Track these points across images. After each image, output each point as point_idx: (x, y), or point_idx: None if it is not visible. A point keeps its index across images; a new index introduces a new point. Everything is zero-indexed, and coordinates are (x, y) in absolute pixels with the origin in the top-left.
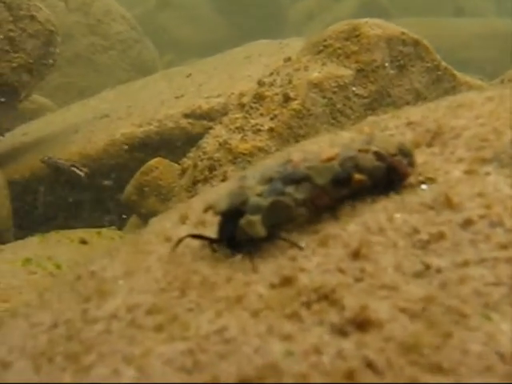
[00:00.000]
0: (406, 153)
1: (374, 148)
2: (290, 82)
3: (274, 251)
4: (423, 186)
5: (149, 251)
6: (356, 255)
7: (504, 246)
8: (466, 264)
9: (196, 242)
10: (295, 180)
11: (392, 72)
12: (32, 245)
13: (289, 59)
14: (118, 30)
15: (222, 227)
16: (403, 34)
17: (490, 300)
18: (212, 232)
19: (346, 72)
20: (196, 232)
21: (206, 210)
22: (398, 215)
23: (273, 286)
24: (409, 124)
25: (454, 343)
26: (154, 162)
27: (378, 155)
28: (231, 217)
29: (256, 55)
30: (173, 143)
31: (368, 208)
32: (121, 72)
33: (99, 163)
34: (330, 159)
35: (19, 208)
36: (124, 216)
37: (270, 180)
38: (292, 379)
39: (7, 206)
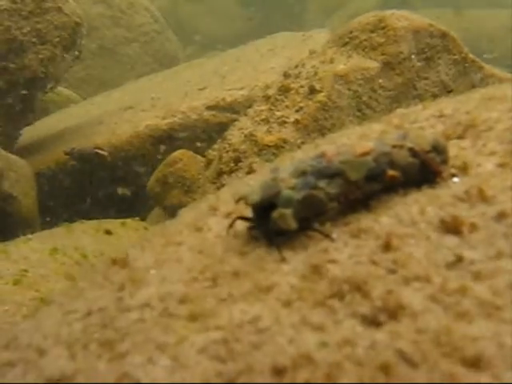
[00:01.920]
0: (440, 150)
1: (408, 144)
2: (315, 74)
3: (306, 242)
4: (455, 179)
5: (179, 242)
6: (388, 247)
7: None
8: (499, 256)
9: (225, 233)
10: (329, 174)
11: (418, 64)
12: (58, 235)
13: (314, 51)
14: (141, 21)
15: (255, 217)
16: (431, 25)
17: None
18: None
19: (372, 64)
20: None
21: (237, 201)
22: (430, 208)
23: (304, 277)
24: (440, 116)
25: (486, 335)
26: (177, 153)
27: (413, 151)
28: (264, 208)
29: (279, 47)
30: (196, 135)
31: (400, 200)
32: (143, 64)
33: (124, 154)
34: (364, 154)
35: (45, 198)
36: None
37: (303, 173)
38: (327, 369)
39: (33, 196)
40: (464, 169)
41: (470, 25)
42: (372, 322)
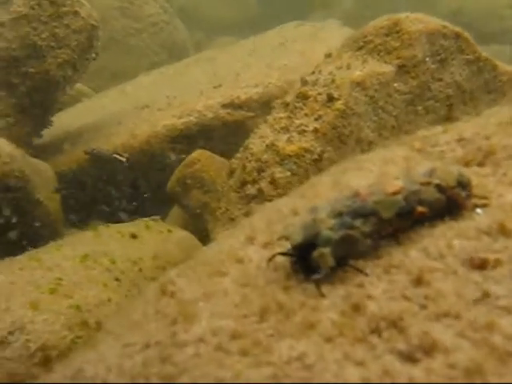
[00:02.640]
0: (464, 185)
1: (435, 181)
2: (333, 81)
3: (342, 277)
4: (478, 210)
5: (223, 273)
6: (419, 282)
7: None
8: None
9: (265, 264)
10: (363, 214)
11: (433, 66)
12: (87, 240)
13: (329, 55)
14: (149, 12)
15: (297, 256)
16: (444, 27)
17: None
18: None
19: (388, 68)
20: (266, 253)
21: (280, 239)
22: (456, 242)
23: (343, 313)
24: (459, 140)
25: None
26: (196, 154)
27: (439, 188)
28: (305, 247)
29: (291, 41)
30: (212, 133)
31: (427, 233)
32: (152, 54)
33: (142, 155)
34: (395, 193)
35: (66, 199)
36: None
37: (339, 214)
38: None
39: (58, 199)
40: (485, 198)
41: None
42: (408, 357)
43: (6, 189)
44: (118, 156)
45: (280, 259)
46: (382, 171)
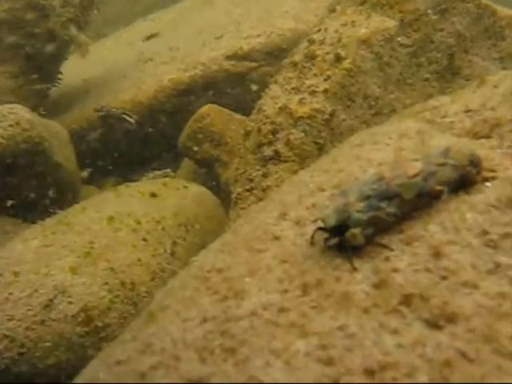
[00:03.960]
0: (475, 163)
1: (450, 161)
2: (339, 40)
3: (371, 253)
4: (487, 184)
5: (262, 249)
6: (439, 255)
7: None
8: None
9: (302, 241)
10: (388, 196)
11: (434, 18)
12: (110, 201)
13: (334, 10)
14: None
15: (331, 235)
16: None
17: None
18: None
19: (391, 23)
20: (300, 229)
21: (315, 221)
22: (469, 215)
23: (375, 285)
24: (467, 111)
25: None
26: (205, 109)
27: (454, 167)
28: (339, 228)
29: None
30: (218, 85)
31: (443, 207)
32: None
33: (150, 109)
34: (415, 175)
35: (79, 158)
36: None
37: (367, 197)
38: (406, 369)
39: (74, 160)
40: (493, 171)
41: None
42: (434, 325)
43: (27, 154)
44: (126, 116)
45: (313, 234)
46: (397, 145)
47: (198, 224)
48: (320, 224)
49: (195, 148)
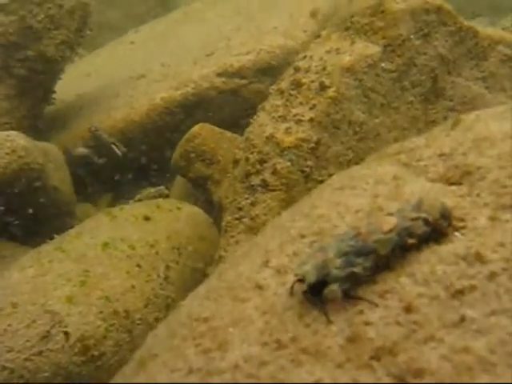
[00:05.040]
0: (446, 216)
1: (423, 215)
2: (324, 68)
3: (346, 305)
4: (457, 234)
5: (245, 298)
6: (409, 308)
7: None
8: (492, 314)
9: (283, 291)
10: (365, 253)
11: (417, 42)
12: (104, 226)
13: (319, 36)
14: None
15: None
16: (426, 2)
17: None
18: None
19: (375, 49)
20: (281, 278)
21: (296, 275)
22: (438, 267)
23: (349, 339)
24: (440, 155)
25: None
26: (196, 128)
27: (426, 221)
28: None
29: None
30: (209, 102)
31: (414, 259)
32: (138, 4)
33: (143, 128)
34: (390, 230)
35: (74, 177)
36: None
37: (345, 253)
38: None
39: (69, 181)
40: (463, 221)
41: None
42: (402, 380)
43: (23, 180)
44: (115, 147)
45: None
46: (374, 192)
47: (191, 246)
48: (300, 277)
49: (187, 167)
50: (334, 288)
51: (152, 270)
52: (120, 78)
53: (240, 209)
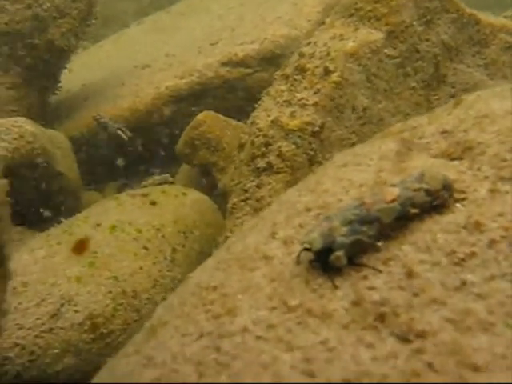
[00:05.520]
0: (447, 187)
1: (425, 186)
2: (328, 53)
3: (351, 271)
4: (457, 205)
5: (253, 268)
6: (411, 274)
7: None
8: (492, 278)
9: (290, 260)
10: (369, 221)
11: (420, 29)
12: (112, 210)
13: (323, 23)
14: None
15: (317, 257)
16: None
17: (509, 309)
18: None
19: (378, 36)
20: (287, 248)
21: (303, 244)
22: (439, 235)
23: (353, 302)
24: (442, 132)
25: (484, 347)
26: (201, 116)
27: (428, 192)
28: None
29: None
30: (214, 91)
31: (416, 228)
32: None
33: (149, 116)
34: (393, 200)
35: (80, 164)
36: None
37: (350, 222)
38: (379, 379)
39: (76, 168)
40: (464, 193)
41: None
42: (405, 339)
43: (31, 166)
44: (121, 133)
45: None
46: (378, 167)
47: (197, 230)
48: (306, 246)
49: (192, 154)
50: (340, 254)
51: (159, 252)
52: (124, 68)
53: (246, 191)
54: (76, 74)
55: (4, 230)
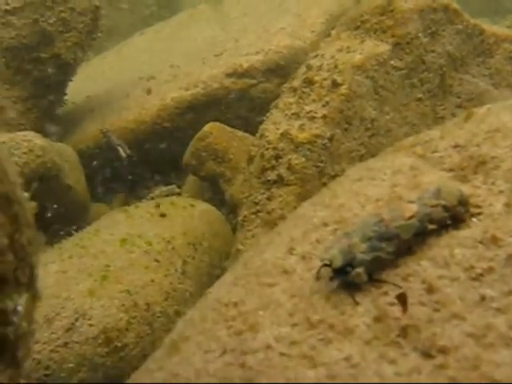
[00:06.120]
0: (463, 202)
1: (442, 202)
2: (335, 66)
3: (371, 288)
4: (474, 219)
5: (273, 283)
6: (431, 289)
7: None
8: (511, 293)
9: (309, 276)
10: (388, 237)
11: (425, 40)
12: (121, 222)
13: (329, 35)
14: None
15: (337, 274)
16: (433, 1)
17: None
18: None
19: (384, 48)
20: (306, 264)
21: (322, 260)
22: (457, 251)
23: (375, 318)
24: (455, 147)
25: (506, 362)
26: (207, 127)
27: (445, 208)
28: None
29: None
30: (219, 102)
31: (434, 243)
32: (144, 8)
33: (154, 128)
34: (411, 217)
35: (88, 177)
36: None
37: (369, 238)
38: None
39: (84, 181)
40: (479, 207)
41: None
42: (428, 354)
43: (40, 179)
44: (120, 149)
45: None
46: (392, 182)
47: (206, 242)
48: (327, 262)
49: (199, 166)
50: (360, 271)
51: (170, 264)
52: (130, 79)
53: (256, 203)
54: (80, 85)
55: (33, 252)
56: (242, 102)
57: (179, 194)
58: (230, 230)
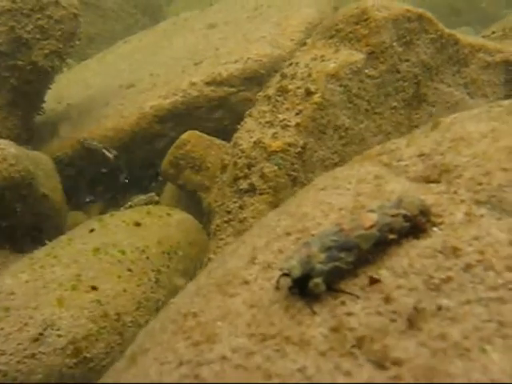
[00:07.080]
0: (424, 212)
1: (402, 212)
2: (309, 75)
3: (329, 297)
4: (435, 229)
5: (233, 294)
6: (388, 299)
7: (494, 288)
8: (467, 303)
9: (268, 285)
10: (347, 247)
11: (400, 49)
12: (95, 232)
13: (305, 44)
14: None
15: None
16: (408, 11)
17: (484, 334)
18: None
19: (358, 56)
20: (267, 273)
21: (281, 270)
22: (416, 260)
23: (332, 329)
24: (420, 155)
25: (460, 373)
26: (185, 136)
27: (406, 217)
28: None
29: (265, 6)
30: (198, 110)
31: (394, 252)
32: (127, 16)
33: (133, 136)
34: (371, 227)
35: (65, 185)
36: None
37: (328, 248)
38: None
39: (60, 189)
40: (440, 217)
41: None
42: (382, 366)
43: (13, 188)
44: (106, 151)
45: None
46: (356, 191)
47: (181, 251)
48: (285, 271)
49: (177, 174)
50: (318, 282)
51: (143, 274)
52: (109, 87)
53: (229, 212)
54: (61, 92)
55: None
56: (222, 111)
57: (158, 203)
58: (207, 239)
